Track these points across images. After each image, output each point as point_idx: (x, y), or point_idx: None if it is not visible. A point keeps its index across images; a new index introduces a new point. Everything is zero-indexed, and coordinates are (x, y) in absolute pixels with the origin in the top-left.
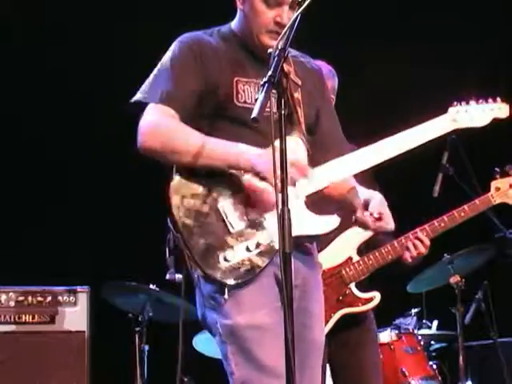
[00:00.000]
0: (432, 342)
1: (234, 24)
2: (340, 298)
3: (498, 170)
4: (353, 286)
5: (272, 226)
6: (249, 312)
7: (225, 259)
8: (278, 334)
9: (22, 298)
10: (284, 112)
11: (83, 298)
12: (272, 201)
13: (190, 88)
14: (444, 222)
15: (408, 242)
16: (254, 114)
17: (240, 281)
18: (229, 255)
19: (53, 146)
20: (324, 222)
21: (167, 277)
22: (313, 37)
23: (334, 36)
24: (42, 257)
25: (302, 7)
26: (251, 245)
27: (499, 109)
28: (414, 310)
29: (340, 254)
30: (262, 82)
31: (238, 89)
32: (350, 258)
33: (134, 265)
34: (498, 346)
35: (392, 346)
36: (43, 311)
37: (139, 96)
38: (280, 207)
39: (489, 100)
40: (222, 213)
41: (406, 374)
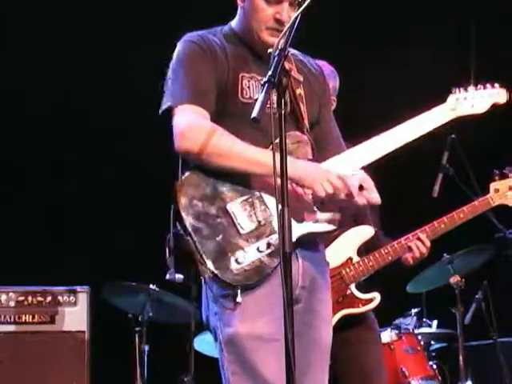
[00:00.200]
0: (432, 342)
1: (234, 23)
2: (340, 298)
3: (497, 171)
4: (353, 287)
5: None
6: (251, 321)
7: (236, 261)
8: (278, 345)
9: (22, 298)
10: (284, 111)
11: (83, 298)
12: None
13: (211, 85)
14: (444, 224)
15: (409, 242)
16: (254, 114)
17: (251, 282)
18: (240, 257)
19: (52, 146)
20: (330, 218)
21: (167, 277)
22: (313, 37)
23: (334, 36)
24: (42, 257)
25: (302, 7)
26: (262, 245)
27: (498, 94)
28: (413, 310)
29: (340, 254)
30: (262, 82)
31: (242, 85)
32: (350, 259)
33: (134, 265)
34: (497, 345)
35: (392, 346)
36: (43, 311)
37: (167, 104)
38: (280, 207)
39: (487, 86)
40: (231, 214)
41: (406, 373)
